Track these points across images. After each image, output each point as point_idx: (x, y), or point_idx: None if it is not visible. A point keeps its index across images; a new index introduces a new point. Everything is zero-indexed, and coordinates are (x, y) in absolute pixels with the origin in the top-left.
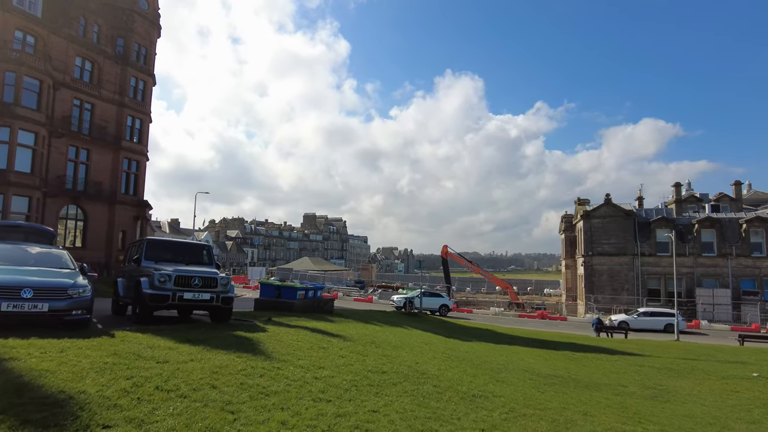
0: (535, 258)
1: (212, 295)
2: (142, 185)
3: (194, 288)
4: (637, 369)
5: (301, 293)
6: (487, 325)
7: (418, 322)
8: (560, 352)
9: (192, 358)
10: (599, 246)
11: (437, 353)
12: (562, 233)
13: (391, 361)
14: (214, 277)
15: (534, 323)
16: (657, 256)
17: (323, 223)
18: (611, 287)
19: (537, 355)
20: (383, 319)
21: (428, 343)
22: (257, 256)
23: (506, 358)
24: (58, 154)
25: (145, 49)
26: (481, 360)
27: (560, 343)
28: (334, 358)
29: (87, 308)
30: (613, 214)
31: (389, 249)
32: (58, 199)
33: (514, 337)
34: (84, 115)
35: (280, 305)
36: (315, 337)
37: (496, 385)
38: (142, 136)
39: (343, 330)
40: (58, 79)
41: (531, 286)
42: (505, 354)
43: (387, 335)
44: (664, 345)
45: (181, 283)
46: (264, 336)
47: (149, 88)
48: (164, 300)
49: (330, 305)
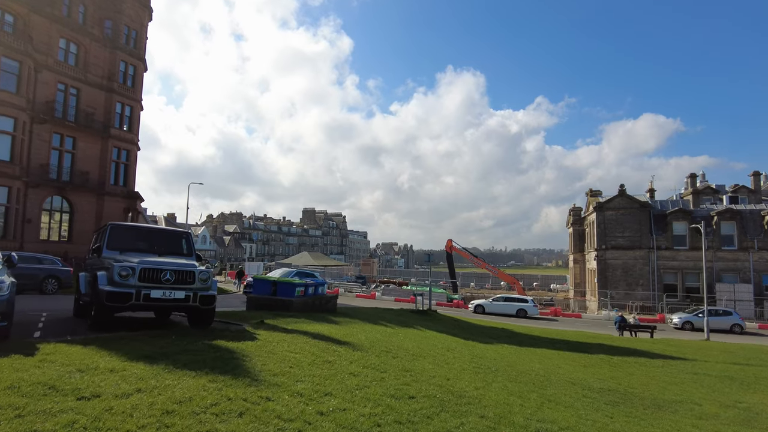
0: (535, 253)
1: (188, 294)
2: (133, 176)
3: (165, 284)
4: (693, 378)
5: (300, 290)
6: (501, 324)
7: (430, 321)
8: (595, 356)
9: (140, 388)
10: (613, 239)
11: (464, 362)
12: (570, 227)
13: (417, 379)
14: (191, 271)
15: (548, 321)
16: (674, 249)
17: (322, 219)
18: (625, 282)
19: (572, 361)
20: (392, 319)
21: (450, 349)
22: (256, 251)
23: (542, 366)
24: (41, 141)
25: (135, 32)
26: (517, 370)
27: (588, 345)
28: (343, 377)
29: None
30: (628, 205)
31: (389, 244)
32: (41, 189)
33: (536, 338)
34: (69, 100)
35: (276, 304)
36: (317, 345)
37: (553, 410)
38: (132, 123)
39: (351, 334)
40: (40, 61)
41: (537, 282)
42: (537, 360)
43: (401, 340)
44: (699, 346)
45: (148, 277)
46: (252, 346)
47: (140, 73)
48: (125, 299)
49: (333, 303)
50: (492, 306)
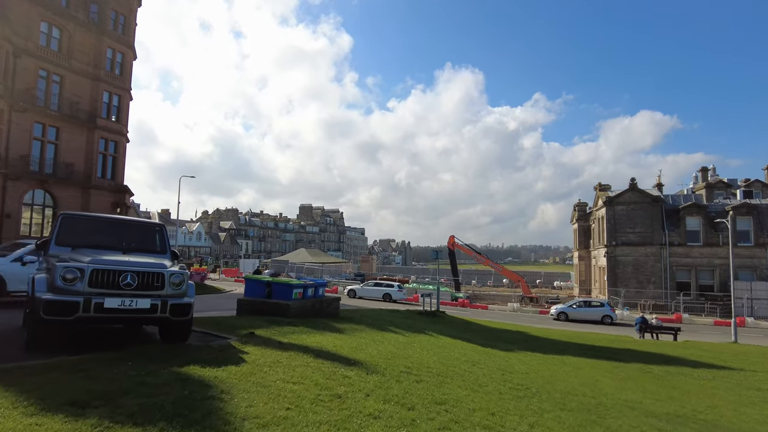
0: (532, 250)
1: (155, 302)
2: (122, 169)
3: (125, 290)
4: (758, 395)
5: (298, 291)
6: (515, 326)
7: (441, 324)
8: (631, 366)
9: None
10: (623, 235)
11: (497, 382)
12: (575, 223)
13: (456, 418)
14: (159, 273)
15: (561, 321)
16: (687, 245)
17: (320, 215)
18: (636, 280)
19: (608, 373)
20: (400, 323)
21: (474, 363)
22: (252, 248)
23: (581, 382)
24: (21, 131)
25: (124, 18)
26: (559, 390)
27: (616, 351)
28: (361, 421)
29: None
30: (639, 200)
31: (386, 241)
32: (22, 182)
33: (558, 343)
34: (52, 87)
35: (271, 308)
36: (322, 368)
37: None
38: (120, 114)
39: (360, 348)
40: (19, 45)
41: (540, 279)
42: (573, 373)
43: (419, 353)
44: (733, 351)
45: (103, 281)
46: (237, 374)
47: (129, 61)
48: (69, 311)
49: (335, 306)
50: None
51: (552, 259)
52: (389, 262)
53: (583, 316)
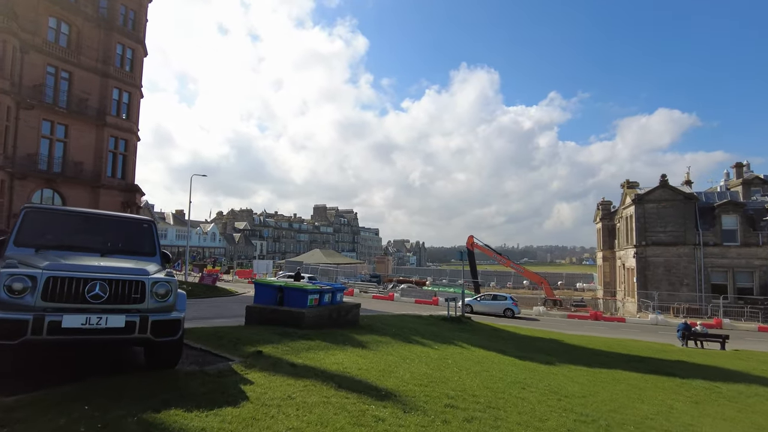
0: (548, 250)
1: (132, 319)
2: (132, 167)
3: (92, 304)
4: None
5: (314, 298)
6: (546, 332)
7: (469, 332)
8: (697, 384)
9: None
10: (654, 235)
11: (556, 411)
12: (598, 222)
13: None
14: (138, 281)
15: (591, 326)
16: (723, 245)
17: (334, 215)
18: (668, 282)
19: (675, 394)
20: (425, 331)
21: (524, 385)
22: (266, 249)
23: (653, 409)
24: (29, 128)
25: (134, 13)
26: (631, 421)
27: (669, 364)
28: None
29: None
30: (671, 197)
31: (401, 241)
32: (29, 181)
33: (598, 353)
34: (60, 84)
35: (283, 317)
36: (345, 406)
37: None
38: (131, 111)
39: (388, 370)
40: (27, 40)
41: (561, 280)
42: (636, 395)
43: (457, 374)
44: None
45: (60, 293)
46: (234, 420)
47: (139, 57)
48: (12, 332)
49: (355, 313)
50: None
51: (568, 259)
52: (403, 263)
53: (488, 309)
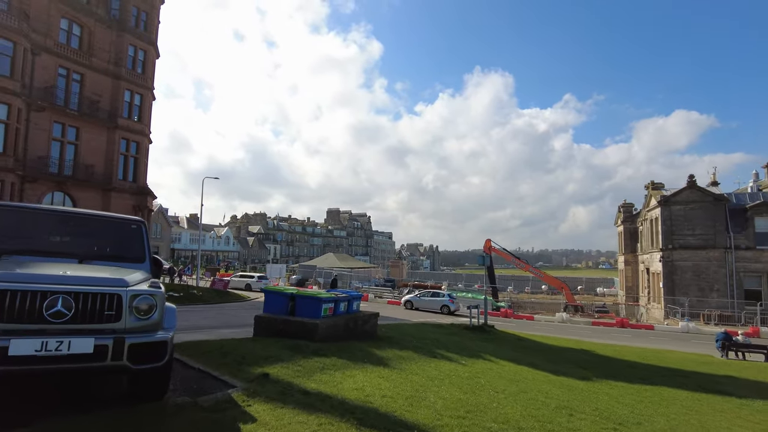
0: (563, 254)
1: (104, 342)
2: (144, 170)
3: (52, 324)
4: None
5: (329, 307)
6: (574, 342)
7: (494, 343)
8: (758, 406)
9: None
10: (681, 238)
11: None
12: (620, 225)
13: None
14: (113, 294)
15: (619, 334)
16: (756, 249)
17: (347, 219)
18: (697, 287)
19: (741, 418)
20: (448, 343)
21: (569, 409)
22: (280, 253)
23: None
24: (39, 130)
25: (146, 14)
26: None
27: (715, 380)
28: None
29: None
30: (699, 199)
31: (414, 245)
32: (40, 184)
33: (635, 366)
34: (71, 86)
35: (294, 328)
36: None
37: None
38: (143, 113)
39: (417, 395)
40: (38, 42)
41: (581, 285)
42: (696, 420)
43: (494, 398)
44: None
45: (10, 312)
46: None
47: (151, 59)
48: None
49: (373, 324)
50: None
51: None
52: (417, 267)
53: (426, 305)
